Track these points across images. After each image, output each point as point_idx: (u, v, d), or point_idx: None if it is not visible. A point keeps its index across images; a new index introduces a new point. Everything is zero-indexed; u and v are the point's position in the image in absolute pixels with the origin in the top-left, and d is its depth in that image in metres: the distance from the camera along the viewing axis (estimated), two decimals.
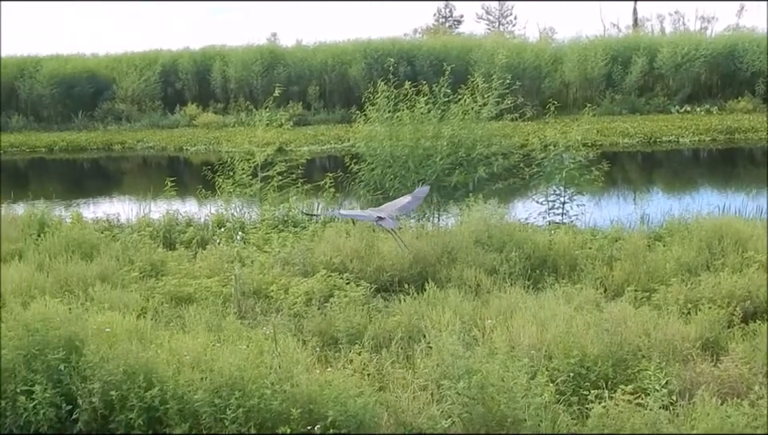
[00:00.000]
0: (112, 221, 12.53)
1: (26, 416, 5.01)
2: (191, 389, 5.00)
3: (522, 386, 4.82)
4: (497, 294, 7.22)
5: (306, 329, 6.83)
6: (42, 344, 5.30)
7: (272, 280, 8.25)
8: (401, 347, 6.14)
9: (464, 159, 11.22)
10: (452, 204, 11.33)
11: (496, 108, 11.53)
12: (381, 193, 11.48)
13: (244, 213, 12.34)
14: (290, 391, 5.00)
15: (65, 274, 8.24)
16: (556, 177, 11.10)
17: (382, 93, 11.52)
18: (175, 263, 9.29)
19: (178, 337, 5.89)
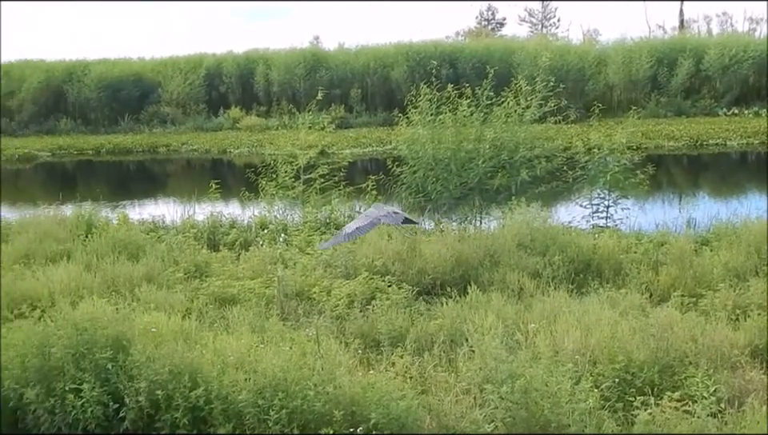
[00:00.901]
0: (157, 223, 12.71)
1: (75, 414, 5.10)
2: (235, 390, 5.04)
3: (566, 391, 4.77)
4: (540, 298, 7.16)
5: (348, 331, 6.84)
6: (91, 343, 5.39)
7: (314, 282, 8.29)
8: (443, 350, 6.11)
9: (506, 162, 11.14)
10: (494, 207, 11.26)
11: (539, 111, 11.43)
12: (423, 196, 11.47)
13: (287, 216, 12.42)
14: (333, 393, 5.01)
15: (112, 274, 8.38)
16: (600, 180, 10.98)
17: (424, 96, 11.49)
18: (219, 264, 9.40)
19: (222, 338, 5.95)
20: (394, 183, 12.04)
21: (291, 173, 12.79)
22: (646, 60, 33.22)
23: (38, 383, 5.28)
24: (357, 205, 12.84)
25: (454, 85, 11.75)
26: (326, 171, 12.96)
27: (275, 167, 13.04)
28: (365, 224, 7.98)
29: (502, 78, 12.54)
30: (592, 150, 11.53)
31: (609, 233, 9.82)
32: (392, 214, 8.18)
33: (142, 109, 38.55)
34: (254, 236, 11.22)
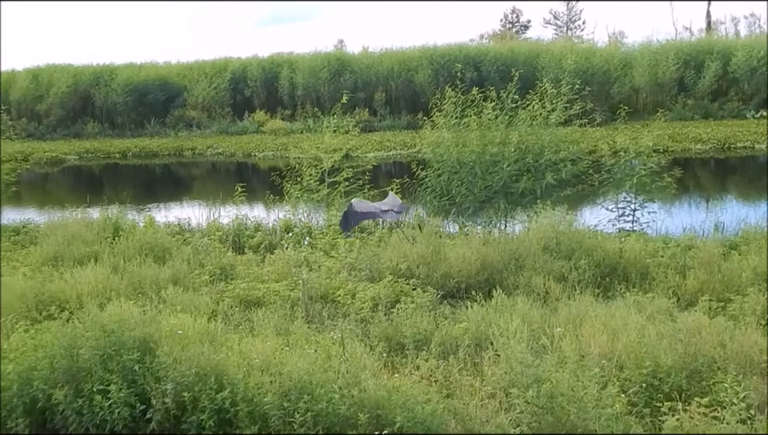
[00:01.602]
0: (183, 226, 12.81)
1: (102, 414, 5.13)
2: (261, 392, 5.05)
3: (593, 396, 4.73)
4: (566, 302, 7.11)
5: (373, 334, 6.84)
6: (118, 345, 5.43)
7: (339, 285, 8.31)
8: (468, 354, 6.10)
9: (532, 165, 11.09)
10: (519, 210, 11.21)
11: (564, 114, 11.38)
12: (447, 199, 11.45)
13: (311, 219, 12.47)
14: (358, 396, 5.01)
15: (138, 277, 8.44)
16: (626, 183, 10.89)
17: (449, 99, 11.48)
18: (244, 267, 9.47)
19: (247, 340, 5.98)
20: (418, 186, 12.03)
21: (316, 177, 12.86)
22: (673, 62, 32.98)
23: (67, 384, 5.33)
24: None
25: (478, 89, 11.72)
26: (350, 174, 13.00)
27: (300, 170, 13.09)
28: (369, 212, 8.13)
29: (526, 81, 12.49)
30: (618, 153, 11.44)
31: (635, 236, 9.74)
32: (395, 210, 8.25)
33: (168, 113, 38.93)
34: (279, 239, 11.27)
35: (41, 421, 5.45)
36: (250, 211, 13.86)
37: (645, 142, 11.36)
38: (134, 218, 13.08)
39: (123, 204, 13.57)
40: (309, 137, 17.36)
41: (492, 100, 11.36)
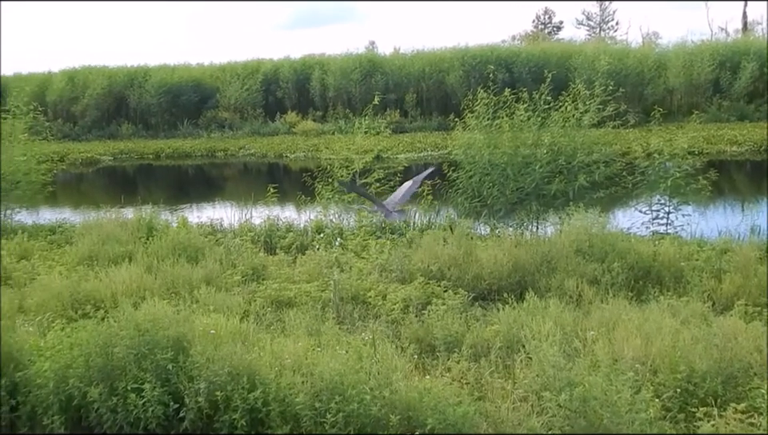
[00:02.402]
0: (215, 226, 12.90)
1: (136, 413, 5.20)
2: (293, 392, 5.08)
3: (627, 401, 4.68)
4: (598, 305, 7.05)
5: (404, 335, 6.84)
6: (152, 344, 5.49)
7: (370, 286, 8.32)
8: (499, 356, 6.07)
9: (564, 167, 10.99)
10: (551, 212, 11.13)
11: (598, 115, 11.26)
12: (478, 201, 11.40)
13: (342, 220, 12.50)
14: (389, 397, 5.01)
15: (171, 277, 8.53)
16: (660, 186, 10.74)
17: (481, 101, 11.43)
18: (276, 268, 9.51)
19: (279, 341, 6.02)
20: (449, 188, 12.00)
21: (347, 178, 12.88)
22: (708, 63, 32.56)
23: (102, 382, 5.40)
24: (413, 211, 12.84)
25: (510, 90, 11.66)
26: (381, 175, 13.01)
27: (331, 171, 13.14)
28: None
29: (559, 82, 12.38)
30: (652, 155, 11.29)
31: (669, 240, 9.63)
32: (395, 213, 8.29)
33: (201, 114, 39.28)
34: (310, 240, 11.31)
35: (76, 418, 5.54)
36: (281, 212, 13.93)
37: (679, 144, 11.21)
38: (167, 219, 13.22)
39: (157, 204, 13.69)
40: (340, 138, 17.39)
41: (524, 101, 11.28)
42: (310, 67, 39.88)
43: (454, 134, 13.06)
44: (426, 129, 33.52)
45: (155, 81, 39.80)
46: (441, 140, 28.23)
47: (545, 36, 63.46)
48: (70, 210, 18.39)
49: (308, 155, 28.69)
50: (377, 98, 14.70)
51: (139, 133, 38.80)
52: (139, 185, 26.52)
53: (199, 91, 40.40)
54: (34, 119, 15.10)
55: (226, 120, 38.44)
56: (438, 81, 36.85)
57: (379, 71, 37.78)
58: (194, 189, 25.38)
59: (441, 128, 32.60)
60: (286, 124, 36.99)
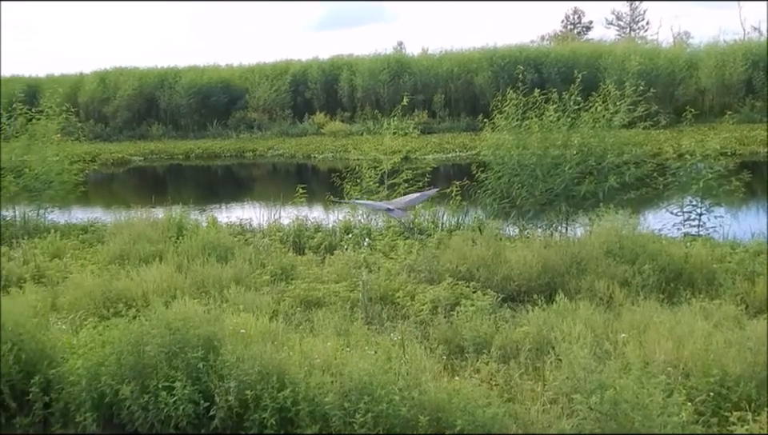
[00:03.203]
0: (245, 226, 12.98)
1: (167, 411, 5.25)
2: (322, 392, 5.10)
3: (658, 404, 4.63)
4: (629, 307, 6.99)
5: (432, 336, 6.83)
6: (183, 342, 5.54)
7: (398, 286, 8.32)
8: (529, 358, 6.03)
9: (594, 168, 10.92)
10: (581, 214, 11.05)
11: (628, 116, 11.17)
12: (507, 202, 11.36)
13: (371, 220, 12.50)
14: (418, 398, 5.01)
15: (201, 276, 8.60)
16: (692, 187, 10.64)
17: (510, 101, 11.39)
18: (304, 267, 9.56)
19: (308, 340, 6.04)
20: (478, 189, 11.97)
21: (375, 178, 12.90)
22: (741, 63, 32.10)
23: (133, 380, 5.46)
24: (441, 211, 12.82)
25: (539, 90, 11.60)
26: (409, 176, 13.00)
27: (359, 172, 13.15)
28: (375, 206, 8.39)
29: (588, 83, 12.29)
30: (683, 156, 11.19)
31: (701, 241, 9.52)
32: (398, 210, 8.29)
33: (230, 115, 39.51)
34: (339, 240, 11.33)
35: (108, 415, 5.60)
36: (309, 212, 13.97)
37: (712, 145, 11.09)
38: (197, 218, 13.31)
39: (186, 204, 13.80)
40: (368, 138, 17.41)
41: (554, 102, 11.22)
42: (338, 68, 39.94)
43: (483, 135, 13.01)
44: (454, 130, 33.42)
45: (185, 82, 40.09)
46: (469, 141, 28.13)
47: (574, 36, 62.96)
48: (102, 210, 18.60)
49: (336, 156, 28.75)
50: (405, 99, 14.66)
51: (169, 133, 39.10)
52: (169, 185, 26.75)
53: (228, 92, 40.63)
54: (67, 120, 15.30)
55: (255, 121, 38.63)
56: (467, 82, 36.72)
57: (407, 72, 37.73)
58: (223, 190, 25.54)
59: (469, 129, 32.49)
60: (314, 125, 37.09)
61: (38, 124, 14.32)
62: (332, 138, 33.39)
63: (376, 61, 38.85)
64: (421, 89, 36.58)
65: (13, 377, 5.83)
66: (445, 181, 16.89)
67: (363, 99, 38.08)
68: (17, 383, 5.85)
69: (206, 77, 41.00)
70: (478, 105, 34.00)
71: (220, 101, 40.08)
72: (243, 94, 40.30)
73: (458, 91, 36.94)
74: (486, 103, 25.48)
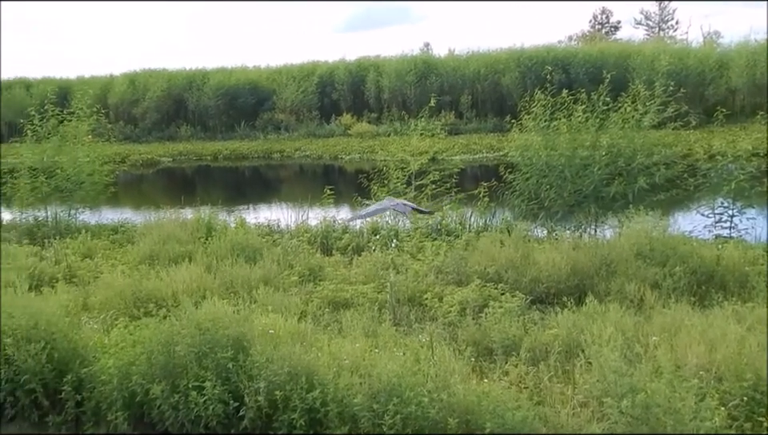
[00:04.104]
0: (272, 227, 13.04)
1: (197, 411, 5.27)
2: (350, 393, 5.09)
3: (691, 408, 4.57)
4: (660, 310, 6.91)
5: (461, 338, 6.80)
6: (213, 342, 5.56)
7: (426, 288, 8.31)
8: (558, 361, 5.98)
9: (623, 169, 10.82)
10: (610, 215, 10.97)
11: (658, 116, 11.06)
12: (535, 203, 11.30)
13: (398, 221, 12.49)
14: (447, 400, 4.99)
15: (230, 276, 8.65)
16: (723, 188, 10.51)
17: (538, 102, 11.33)
18: (332, 268, 9.58)
19: (336, 341, 6.04)
20: (505, 190, 11.92)
21: (403, 179, 12.89)
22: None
23: (164, 379, 5.49)
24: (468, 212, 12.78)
25: (567, 91, 11.53)
26: (437, 177, 12.98)
27: (387, 173, 13.16)
28: (376, 209, 8.35)
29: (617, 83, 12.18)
30: (714, 157, 11.07)
31: (733, 244, 9.39)
32: (401, 205, 8.23)
33: (258, 116, 39.76)
34: (366, 241, 11.34)
35: (138, 415, 5.64)
36: (337, 213, 14.01)
37: (743, 146, 10.99)
38: (225, 219, 13.40)
39: (215, 205, 13.90)
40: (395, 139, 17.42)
41: (582, 102, 11.14)
42: (365, 69, 40.02)
43: (510, 136, 12.96)
44: (481, 131, 33.34)
45: (213, 84, 40.41)
46: (496, 142, 28.07)
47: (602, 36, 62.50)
48: (132, 210, 18.80)
49: (363, 157, 28.81)
50: (432, 100, 14.64)
51: (197, 134, 39.42)
52: (198, 186, 26.96)
53: (256, 93, 40.88)
54: (97, 121, 15.47)
55: (282, 122, 38.84)
56: (494, 83, 36.63)
57: (434, 73, 37.72)
58: (251, 191, 25.69)
59: (496, 130, 32.41)
60: (341, 126, 37.21)
61: (69, 125, 14.49)
62: (359, 139, 33.45)
63: (403, 62, 38.89)
64: (447, 90, 36.54)
65: (46, 375, 5.90)
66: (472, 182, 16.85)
67: (390, 100, 38.13)
68: (50, 381, 5.92)
69: (234, 78, 41.29)
70: (505, 106, 33.89)
71: (248, 102, 40.34)
72: (271, 96, 40.53)
73: (484, 92, 36.86)
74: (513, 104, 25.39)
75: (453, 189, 12.90)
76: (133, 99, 41.53)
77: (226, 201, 17.29)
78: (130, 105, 41.51)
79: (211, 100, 40.00)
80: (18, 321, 6.13)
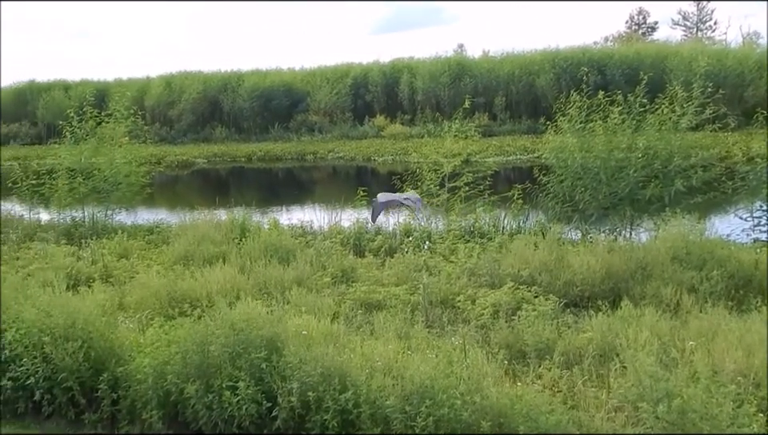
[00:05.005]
0: (305, 228, 13.08)
1: (231, 410, 5.31)
2: (383, 395, 5.09)
3: (728, 414, 4.50)
4: (696, 314, 6.81)
5: (494, 341, 6.76)
6: (246, 343, 5.59)
7: (458, 290, 8.27)
8: (592, 365, 5.92)
9: (660, 171, 10.69)
10: (646, 218, 10.84)
11: (695, 118, 10.90)
12: (570, 206, 11.21)
13: (431, 223, 12.47)
14: (480, 403, 4.96)
15: (264, 277, 8.70)
16: (762, 191, 10.34)
17: (573, 104, 11.23)
18: (365, 270, 9.59)
19: (369, 343, 6.04)
20: (539, 192, 11.84)
21: (436, 181, 12.87)
22: None
23: (198, 379, 5.53)
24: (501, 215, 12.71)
25: (603, 93, 11.42)
26: (470, 179, 12.93)
27: (420, 175, 13.14)
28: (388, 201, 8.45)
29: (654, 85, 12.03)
30: (753, 160, 10.88)
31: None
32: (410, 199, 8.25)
33: (291, 118, 40.01)
34: (399, 243, 11.33)
35: (173, 413, 5.68)
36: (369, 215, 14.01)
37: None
38: (258, 220, 13.47)
39: (249, 206, 14.00)
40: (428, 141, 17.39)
41: (618, 104, 11.03)
42: (398, 71, 40.08)
43: (545, 138, 12.86)
44: (514, 133, 33.20)
45: (248, 86, 40.75)
46: (530, 143, 27.91)
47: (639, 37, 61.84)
48: (167, 211, 18.98)
49: (396, 158, 28.82)
50: (466, 101, 14.59)
51: (232, 136, 39.79)
52: (232, 187, 27.17)
53: (290, 95, 41.15)
54: (134, 123, 15.65)
55: (316, 123, 39.02)
56: (528, 84, 36.45)
57: (468, 74, 37.64)
58: (285, 192, 25.81)
59: (530, 131, 32.23)
60: (374, 127, 37.28)
61: (106, 127, 14.67)
62: (392, 141, 33.48)
63: (436, 63, 38.88)
64: (481, 92, 36.44)
65: (83, 373, 5.97)
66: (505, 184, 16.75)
67: (423, 102, 38.12)
68: (86, 380, 5.99)
69: (269, 80, 41.61)
70: (540, 108, 33.72)
71: (282, 104, 40.60)
72: (305, 97, 40.76)
73: (519, 93, 36.70)
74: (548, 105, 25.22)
75: (486, 191, 12.83)
76: (169, 101, 42.04)
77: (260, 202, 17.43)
78: (166, 106, 42.02)
79: (246, 102, 40.33)
80: (56, 319, 6.21)
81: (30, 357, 6.07)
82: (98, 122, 14.67)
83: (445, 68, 37.87)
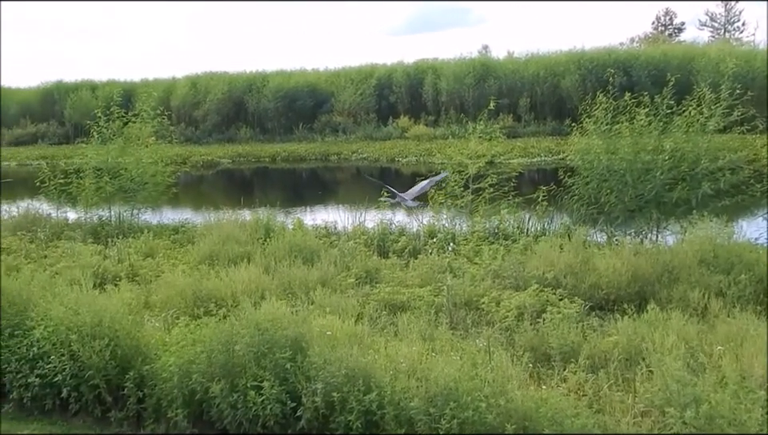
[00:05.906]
0: (330, 229, 13.11)
1: (255, 410, 5.33)
2: (407, 396, 5.08)
3: (757, 421, 4.45)
4: (724, 319, 6.74)
5: (518, 343, 6.73)
6: (271, 343, 5.61)
7: (483, 292, 8.25)
8: (618, 369, 5.87)
9: (687, 174, 10.58)
10: (672, 221, 10.74)
11: (723, 120, 10.78)
12: (595, 208, 11.13)
13: (455, 225, 12.45)
14: (504, 406, 4.94)
15: (288, 277, 8.72)
16: None
17: (599, 105, 11.15)
18: (389, 271, 9.59)
19: (393, 344, 6.04)
20: (564, 194, 11.77)
21: (460, 183, 12.84)
22: None
23: (223, 378, 5.56)
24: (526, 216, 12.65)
25: (629, 94, 11.33)
26: (494, 181, 12.88)
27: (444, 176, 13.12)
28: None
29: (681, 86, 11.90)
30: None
31: None
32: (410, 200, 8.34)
33: (316, 119, 40.13)
34: (423, 244, 11.31)
35: (198, 412, 5.72)
36: (393, 216, 14.01)
37: None
38: (283, 220, 13.51)
39: (273, 206, 14.04)
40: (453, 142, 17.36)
41: (645, 106, 10.94)
42: (422, 72, 40.06)
43: (570, 139, 12.79)
44: (539, 134, 33.07)
45: (273, 87, 40.93)
46: (555, 145, 27.77)
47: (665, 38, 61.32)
48: (192, 211, 19.10)
49: (420, 159, 28.79)
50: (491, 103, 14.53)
51: (256, 136, 39.99)
52: (256, 188, 27.30)
53: (314, 96, 41.28)
54: (160, 123, 15.77)
55: (340, 124, 39.10)
56: (553, 86, 36.28)
57: (492, 75, 37.53)
58: (309, 192, 25.87)
59: (555, 133, 32.08)
60: (398, 128, 37.28)
61: (133, 127, 14.80)
62: (416, 142, 33.46)
63: (461, 64, 38.81)
64: (506, 93, 36.31)
65: (109, 371, 6.03)
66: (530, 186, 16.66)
67: (448, 103, 38.07)
68: (113, 378, 6.05)
69: (293, 81, 41.76)
70: (565, 109, 33.56)
71: (306, 104, 40.74)
72: (329, 98, 40.88)
73: (543, 95, 36.53)
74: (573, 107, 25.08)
75: (510, 193, 12.78)
76: (194, 101, 42.32)
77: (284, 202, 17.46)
78: (191, 107, 42.30)
79: (270, 102, 40.51)
80: (84, 317, 6.26)
81: (58, 354, 6.13)
82: (125, 122, 14.79)
83: (469, 69, 37.78)
